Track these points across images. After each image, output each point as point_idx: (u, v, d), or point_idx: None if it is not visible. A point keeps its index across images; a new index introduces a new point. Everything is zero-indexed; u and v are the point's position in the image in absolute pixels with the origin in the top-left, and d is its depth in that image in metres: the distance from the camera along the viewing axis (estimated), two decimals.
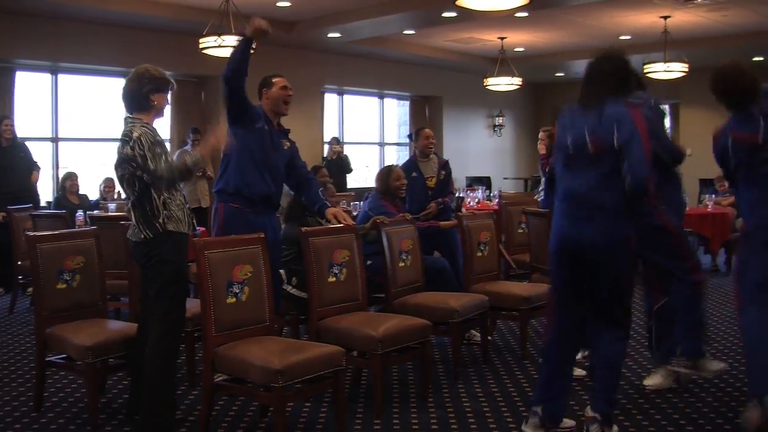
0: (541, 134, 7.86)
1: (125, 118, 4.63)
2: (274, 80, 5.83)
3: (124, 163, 4.49)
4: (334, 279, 5.27)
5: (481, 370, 6.01)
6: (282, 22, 12.24)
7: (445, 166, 7.58)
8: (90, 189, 11.10)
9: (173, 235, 4.51)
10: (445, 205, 7.41)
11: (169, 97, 4.73)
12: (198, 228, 6.31)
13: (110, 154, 5.10)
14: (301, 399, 5.00)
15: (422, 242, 6.35)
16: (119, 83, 5.83)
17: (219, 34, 9.55)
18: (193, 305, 4.92)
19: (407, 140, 17.25)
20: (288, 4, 11.18)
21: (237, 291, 4.58)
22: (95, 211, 9.29)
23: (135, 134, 4.45)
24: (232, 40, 9.18)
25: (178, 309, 4.58)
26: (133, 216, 4.57)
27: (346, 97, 16.04)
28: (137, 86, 4.58)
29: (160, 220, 4.48)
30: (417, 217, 6.96)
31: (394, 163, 8.16)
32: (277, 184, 5.84)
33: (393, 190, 6.79)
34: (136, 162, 4.42)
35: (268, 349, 4.40)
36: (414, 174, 7.40)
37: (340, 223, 5.62)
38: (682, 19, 12.11)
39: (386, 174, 6.93)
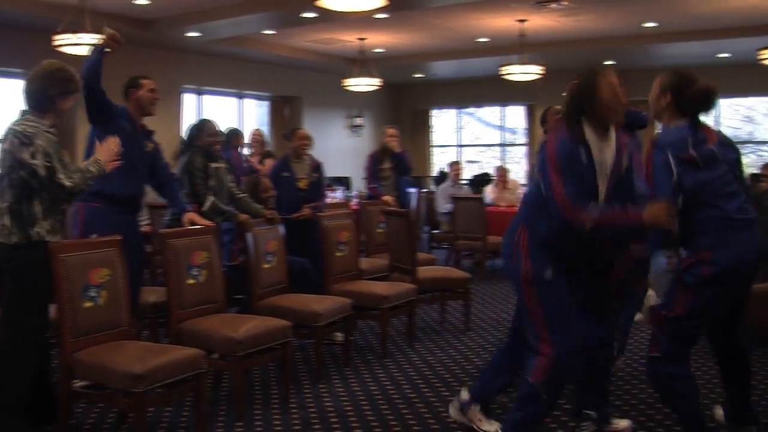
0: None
1: (23, 115, 4.46)
2: (142, 82, 5.76)
3: (15, 165, 4.33)
4: (193, 281, 5.24)
5: (343, 370, 6.08)
6: (140, 20, 12.03)
7: (318, 168, 7.61)
8: None
9: (47, 245, 4.37)
10: (319, 210, 7.44)
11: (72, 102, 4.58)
12: None
13: None
14: (161, 403, 4.94)
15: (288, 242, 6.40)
16: None
17: (74, 32, 9.32)
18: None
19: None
20: (146, 2, 10.98)
21: (94, 295, 4.51)
22: None
23: (39, 142, 4.28)
24: (88, 38, 8.99)
25: (38, 318, 4.47)
26: (6, 218, 4.38)
27: (205, 97, 15.87)
28: (43, 86, 4.44)
29: (38, 230, 4.36)
30: (289, 218, 6.99)
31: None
32: (140, 185, 5.79)
33: (261, 201, 6.78)
34: (35, 172, 4.27)
35: (128, 353, 4.36)
36: (285, 174, 7.41)
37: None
38: (537, 23, 12.46)
39: (254, 186, 6.91)
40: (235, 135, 9.86)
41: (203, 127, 6.69)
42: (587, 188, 3.79)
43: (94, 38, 5.87)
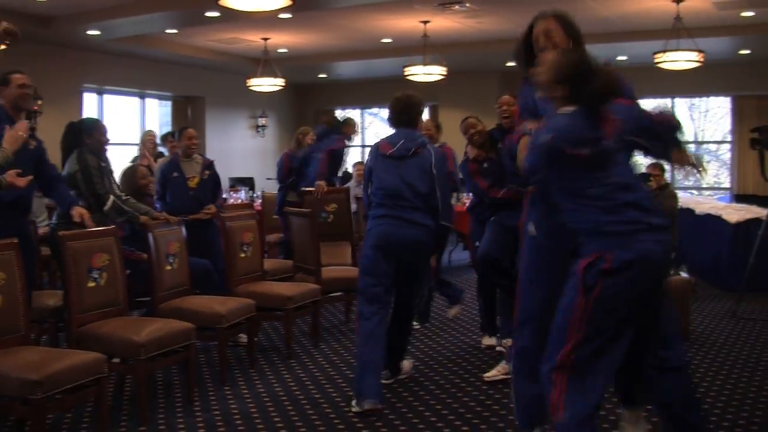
0: None
1: None
2: (12, 77, 5.48)
3: None
4: (94, 284, 5.16)
5: (247, 372, 6.06)
6: (38, 16, 11.75)
7: (209, 166, 7.52)
8: None
9: None
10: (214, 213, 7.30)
11: None
12: None
13: None
14: (61, 410, 4.85)
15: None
16: None
17: None
18: None
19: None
20: None
21: None
22: None
23: None
24: None
25: None
26: None
27: (105, 96, 15.61)
28: None
29: None
30: (185, 219, 6.92)
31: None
32: (28, 185, 5.64)
33: (140, 188, 6.68)
34: None
35: (25, 359, 4.28)
36: (175, 174, 7.32)
37: (84, 222, 5.52)
38: (440, 24, 12.58)
39: (131, 174, 6.82)
40: (347, 123, 9.94)
41: (97, 125, 6.47)
42: None
43: None
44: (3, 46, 5.15)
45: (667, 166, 8.75)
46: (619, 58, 14.93)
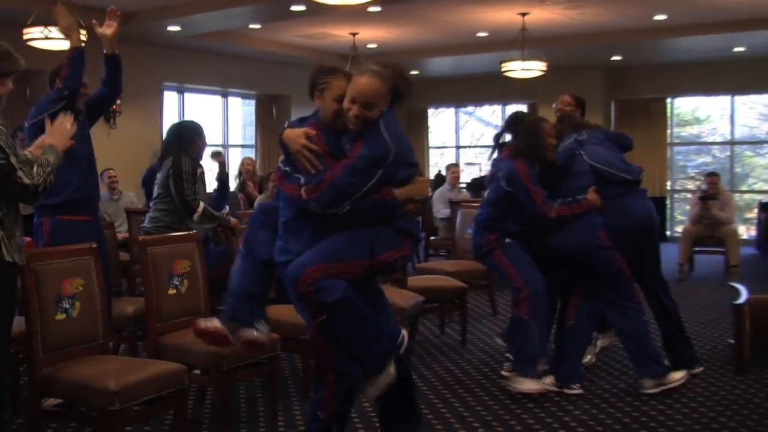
0: None
1: None
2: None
3: None
4: (174, 291, 5.20)
5: None
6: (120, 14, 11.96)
7: None
8: None
9: (13, 267, 4.00)
10: None
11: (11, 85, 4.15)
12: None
13: None
14: (140, 422, 4.91)
15: None
16: None
17: (45, 25, 9.28)
18: (17, 323, 4.74)
19: (252, 142, 17.16)
20: None
21: (67, 306, 4.46)
22: None
23: None
24: (58, 31, 8.95)
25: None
26: None
27: (187, 95, 15.84)
28: None
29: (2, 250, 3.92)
30: None
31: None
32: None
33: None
34: None
35: (103, 369, 4.32)
36: None
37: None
38: (540, 16, 12.46)
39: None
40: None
41: (200, 132, 6.68)
42: None
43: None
44: (78, 36, 5.23)
45: None
46: (737, 49, 14.57)
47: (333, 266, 3.85)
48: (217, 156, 7.28)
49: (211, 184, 7.32)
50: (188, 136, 6.58)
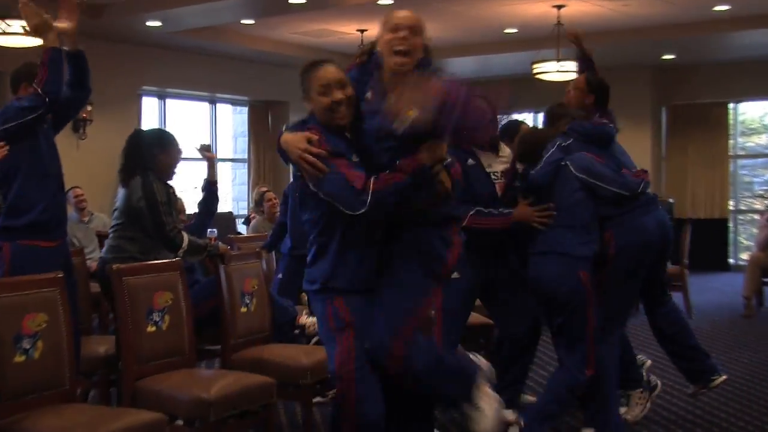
0: None
1: None
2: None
3: None
4: (154, 328, 5.19)
5: None
6: (88, 5, 12.01)
7: None
8: None
9: None
10: None
11: None
12: None
13: None
14: None
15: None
16: None
17: (2, 18, 9.33)
18: None
19: (245, 156, 17.16)
20: None
21: (28, 347, 4.44)
22: None
23: None
24: (18, 26, 9.01)
25: None
26: None
27: (168, 101, 15.87)
28: None
29: None
30: None
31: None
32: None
33: None
34: None
35: (69, 420, 4.30)
36: None
37: None
38: (577, 9, 12.47)
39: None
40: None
41: (174, 144, 6.26)
42: None
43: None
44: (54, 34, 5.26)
45: None
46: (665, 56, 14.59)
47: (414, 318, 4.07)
48: (205, 150, 7.10)
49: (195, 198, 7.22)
50: (160, 147, 6.15)
